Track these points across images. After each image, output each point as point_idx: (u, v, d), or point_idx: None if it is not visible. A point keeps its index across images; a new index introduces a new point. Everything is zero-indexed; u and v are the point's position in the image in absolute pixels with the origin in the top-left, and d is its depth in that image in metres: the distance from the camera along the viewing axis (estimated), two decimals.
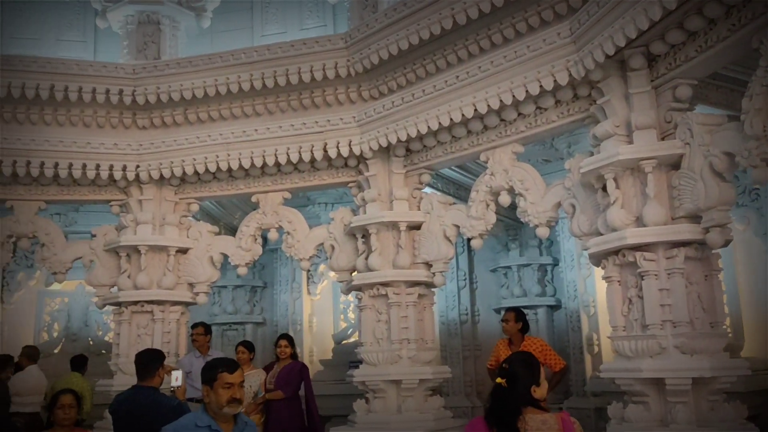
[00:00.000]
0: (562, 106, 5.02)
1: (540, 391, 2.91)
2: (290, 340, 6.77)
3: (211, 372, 3.06)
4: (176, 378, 4.68)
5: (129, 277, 6.58)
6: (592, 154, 4.76)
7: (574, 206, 4.92)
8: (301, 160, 6.24)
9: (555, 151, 6.78)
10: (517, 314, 6.11)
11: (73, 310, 9.41)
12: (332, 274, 8.47)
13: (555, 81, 4.71)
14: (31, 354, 7.63)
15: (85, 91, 6.24)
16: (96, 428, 6.52)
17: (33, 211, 6.62)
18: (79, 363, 8.10)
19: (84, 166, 6.42)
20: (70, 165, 6.38)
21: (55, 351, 9.20)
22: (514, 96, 4.96)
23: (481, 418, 2.94)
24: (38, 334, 9.35)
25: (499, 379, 2.92)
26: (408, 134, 5.65)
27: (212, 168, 6.42)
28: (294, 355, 6.82)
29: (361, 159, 6.18)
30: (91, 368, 8.29)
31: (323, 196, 8.69)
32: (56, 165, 6.35)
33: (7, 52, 6.85)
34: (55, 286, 9.01)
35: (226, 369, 3.05)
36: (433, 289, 6.17)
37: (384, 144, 5.86)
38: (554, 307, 8.43)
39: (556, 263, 8.48)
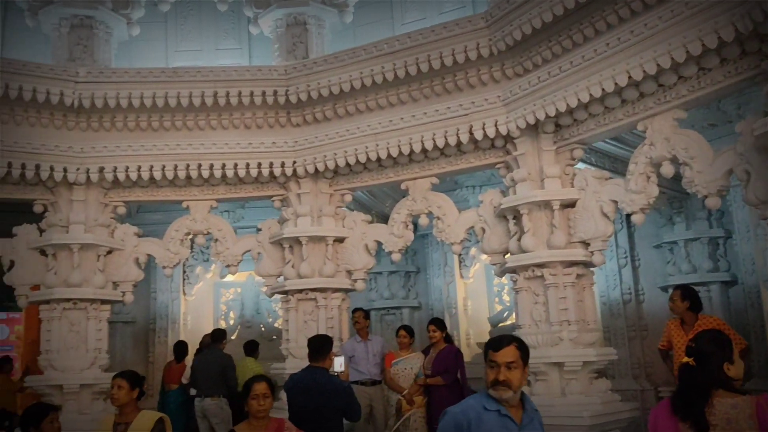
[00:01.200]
0: (728, 65, 4.60)
1: (735, 370, 2.68)
2: (439, 324, 6.80)
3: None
4: (339, 364, 4.92)
5: (293, 267, 6.98)
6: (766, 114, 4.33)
7: (748, 172, 4.50)
8: (447, 144, 6.26)
9: (722, 114, 6.23)
10: (683, 292, 5.72)
11: (246, 299, 10.17)
12: (484, 257, 8.44)
13: (719, 38, 4.32)
14: (214, 337, 8.38)
15: (244, 95, 6.70)
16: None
17: (206, 210, 7.22)
18: (251, 348, 8.76)
19: (247, 165, 6.90)
20: (236, 165, 6.89)
21: (232, 337, 9.98)
22: (672, 59, 4.61)
23: (668, 401, 2.76)
24: (217, 322, 10.21)
25: (686, 359, 2.73)
26: (557, 109, 5.46)
27: (362, 159, 6.62)
28: (448, 339, 6.87)
29: (508, 139, 6.08)
30: (264, 353, 8.93)
31: (471, 179, 8.64)
32: (224, 166, 6.89)
33: (173, 64, 7.53)
34: (229, 278, 9.78)
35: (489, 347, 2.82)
36: (591, 269, 5.94)
37: (532, 121, 5.71)
38: (729, 283, 7.75)
39: (728, 235, 7.79)
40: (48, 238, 6.84)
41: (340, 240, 7.05)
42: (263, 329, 10.10)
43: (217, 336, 8.02)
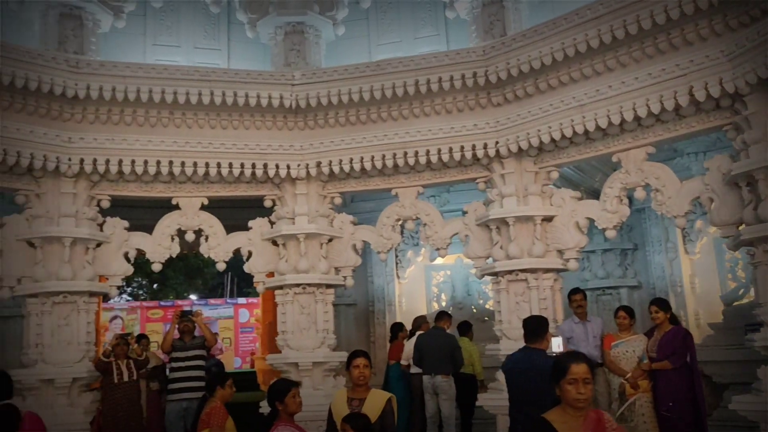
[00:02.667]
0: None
1: None
2: (662, 305, 6.32)
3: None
4: (558, 345, 4.80)
5: (501, 248, 6.95)
6: None
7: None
8: (663, 109, 5.78)
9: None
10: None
11: (456, 281, 10.35)
12: (713, 229, 7.68)
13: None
14: (419, 323, 8.68)
15: (444, 80, 6.79)
16: (490, 388, 7.09)
17: (413, 196, 7.46)
18: (465, 328, 8.90)
19: (450, 149, 7.00)
20: (439, 150, 7.02)
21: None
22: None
23: None
24: (429, 304, 10.53)
25: None
26: None
27: (568, 133, 6.37)
28: (674, 320, 6.37)
29: (736, 97, 5.45)
30: (478, 334, 9.02)
31: (692, 145, 7.91)
32: (428, 152, 7.06)
33: (376, 57, 7.83)
34: (439, 261, 10.01)
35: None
36: None
37: (765, 76, 5.05)
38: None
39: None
40: (278, 229, 7.51)
41: (548, 219, 6.86)
42: (475, 310, 10.21)
43: (439, 317, 8.28)
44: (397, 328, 9.17)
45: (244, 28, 7.94)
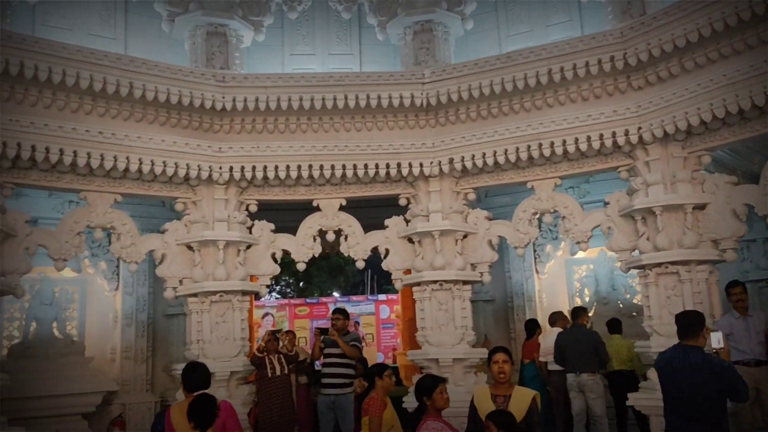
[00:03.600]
0: None
1: None
2: None
3: None
4: (717, 340, 4.46)
5: (648, 239, 6.58)
6: None
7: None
8: None
9: None
10: None
11: (600, 275, 9.92)
12: None
13: None
14: (555, 318, 8.42)
15: (579, 66, 6.55)
16: (641, 387, 6.74)
17: (550, 188, 7.25)
18: (615, 326, 8.51)
19: (588, 138, 6.73)
20: (576, 140, 6.78)
21: (590, 314, 9.84)
22: None
23: None
24: (572, 300, 10.17)
25: None
26: None
27: (720, 113, 5.90)
28: None
29: None
30: (625, 330, 8.59)
31: None
32: (564, 142, 6.84)
33: (506, 49, 7.69)
34: (580, 254, 9.66)
35: None
36: None
37: None
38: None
39: None
40: (413, 227, 7.60)
41: (700, 207, 6.40)
42: (621, 306, 9.73)
43: (577, 313, 8.00)
44: (533, 325, 8.96)
45: (375, 31, 8.11)
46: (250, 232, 7.68)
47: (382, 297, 20.39)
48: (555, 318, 8.42)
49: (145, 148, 6.87)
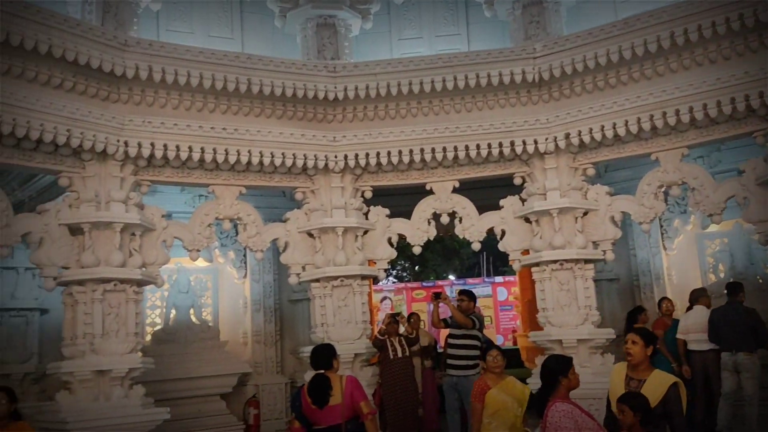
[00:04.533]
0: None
1: None
2: None
3: None
4: None
5: None
6: None
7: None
8: None
9: None
10: None
11: (735, 249, 9.25)
12: None
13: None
14: (697, 296, 7.94)
15: (704, 27, 6.11)
16: None
17: (677, 159, 6.85)
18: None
19: (718, 103, 6.32)
20: (705, 106, 6.37)
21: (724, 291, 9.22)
22: None
23: None
24: (704, 276, 9.57)
25: None
26: None
27: None
28: None
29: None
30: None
31: None
32: (691, 109, 6.44)
33: (623, 15, 7.31)
34: (713, 228, 9.05)
35: None
36: None
37: None
38: None
39: None
40: (530, 206, 7.43)
41: None
42: (760, 281, 9.04)
43: (733, 289, 7.55)
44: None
45: (482, 9, 7.98)
46: (367, 218, 7.84)
47: (498, 279, 20.19)
48: (697, 295, 7.99)
49: (264, 141, 7.17)
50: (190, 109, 6.92)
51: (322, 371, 4.56)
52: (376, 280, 8.58)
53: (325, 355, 4.67)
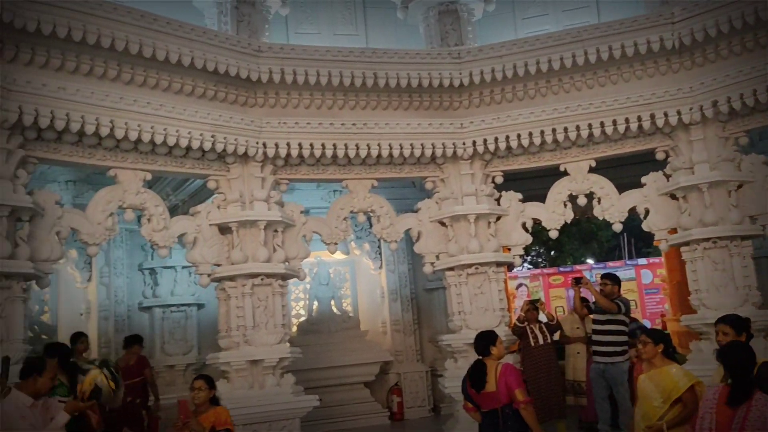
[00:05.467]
0: None
1: None
2: None
3: None
4: None
5: None
6: None
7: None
8: None
9: None
10: None
11: None
12: None
13: None
14: None
15: None
16: None
17: None
18: None
19: None
20: None
21: None
22: None
23: None
24: None
25: None
26: None
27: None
28: None
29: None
30: None
31: None
32: None
33: None
34: None
35: None
36: None
37: None
38: None
39: None
40: (676, 182, 7.00)
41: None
42: None
43: None
44: None
45: None
46: (498, 204, 7.72)
47: (642, 261, 19.10)
48: None
49: (393, 133, 7.25)
50: (321, 108, 7.14)
51: (481, 357, 4.68)
52: (511, 266, 8.42)
53: (482, 342, 4.76)
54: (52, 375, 4.28)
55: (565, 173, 7.50)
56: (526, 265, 23.61)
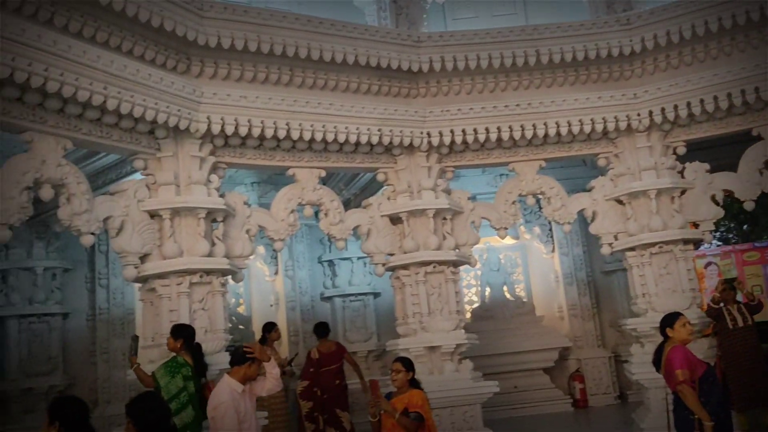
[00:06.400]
0: None
1: None
2: None
3: None
4: None
5: None
6: None
7: None
8: None
9: None
10: None
11: None
12: None
13: None
14: None
15: None
16: None
17: None
18: None
19: None
20: None
21: None
22: None
23: None
24: None
25: None
26: None
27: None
28: None
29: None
30: None
31: None
32: None
33: None
34: None
35: None
36: None
37: None
38: None
39: None
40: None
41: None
42: None
43: None
44: None
45: None
46: (682, 176, 7.15)
47: None
48: None
49: (559, 110, 6.97)
50: (483, 92, 7.05)
51: (663, 339, 4.53)
52: (698, 244, 7.76)
53: (661, 324, 4.56)
54: (260, 363, 4.50)
55: (758, 138, 6.77)
56: (714, 241, 21.69)
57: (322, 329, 7.96)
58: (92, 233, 5.31)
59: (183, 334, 5.36)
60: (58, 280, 8.62)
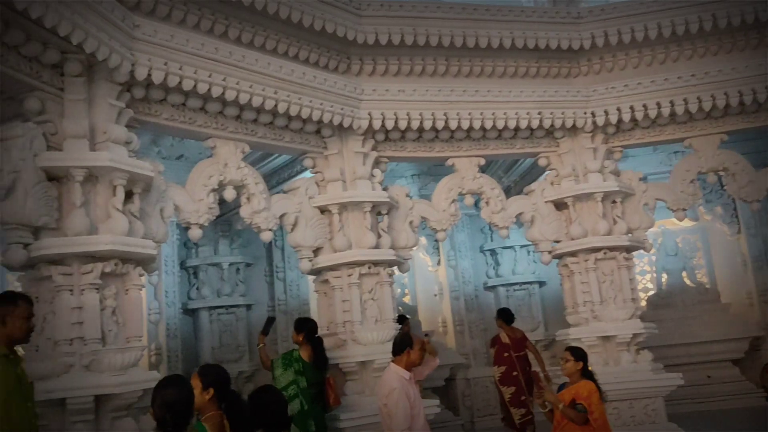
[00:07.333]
0: None
1: None
2: None
3: None
4: None
5: None
6: None
7: None
8: None
9: None
10: None
11: None
12: None
13: None
14: None
15: None
16: None
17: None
18: None
19: None
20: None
21: None
22: None
23: None
24: None
25: None
26: None
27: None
28: None
29: None
30: None
31: None
32: None
33: None
34: None
35: None
36: None
37: None
38: None
39: None
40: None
41: None
42: None
43: None
44: None
45: None
46: None
47: None
48: None
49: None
50: (652, 65, 6.57)
51: None
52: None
53: None
54: (420, 347, 4.63)
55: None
56: None
57: (509, 315, 7.88)
58: (270, 229, 5.70)
59: (305, 327, 5.66)
60: (241, 275, 9.18)
